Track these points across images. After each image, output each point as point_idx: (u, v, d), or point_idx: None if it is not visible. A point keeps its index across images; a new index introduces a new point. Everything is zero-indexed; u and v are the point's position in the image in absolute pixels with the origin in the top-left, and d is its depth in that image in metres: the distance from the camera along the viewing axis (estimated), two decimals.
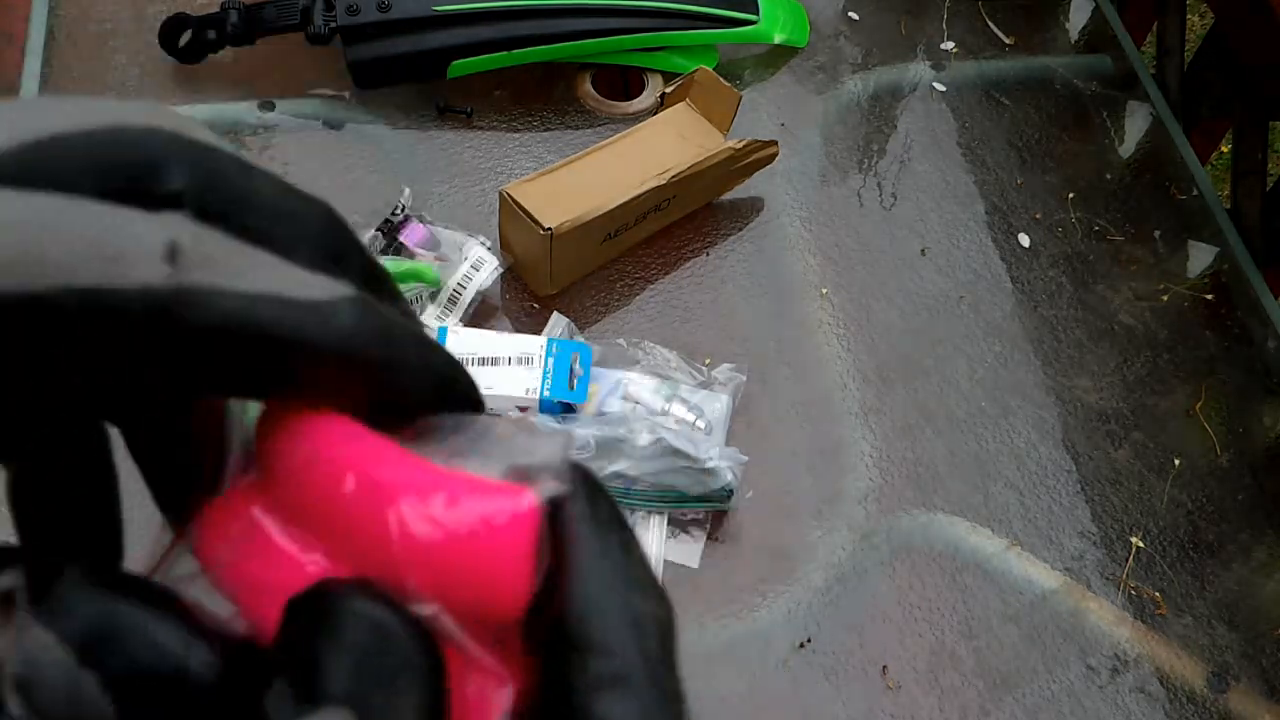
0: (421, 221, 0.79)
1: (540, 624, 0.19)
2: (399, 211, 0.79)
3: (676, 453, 0.68)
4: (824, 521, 0.73)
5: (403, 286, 0.76)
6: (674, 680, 0.19)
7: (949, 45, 1.04)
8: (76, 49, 0.92)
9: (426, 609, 0.18)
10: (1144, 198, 0.95)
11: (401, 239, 0.78)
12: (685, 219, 0.88)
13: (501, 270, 0.79)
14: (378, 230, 0.79)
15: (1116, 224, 0.93)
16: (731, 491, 0.70)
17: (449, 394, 0.20)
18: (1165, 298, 0.88)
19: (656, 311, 0.82)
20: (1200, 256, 0.92)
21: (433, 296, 0.77)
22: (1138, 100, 1.02)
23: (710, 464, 0.69)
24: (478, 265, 0.78)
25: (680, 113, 0.87)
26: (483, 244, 0.79)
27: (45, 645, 0.17)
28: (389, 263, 0.77)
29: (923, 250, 0.89)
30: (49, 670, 0.16)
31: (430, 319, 0.77)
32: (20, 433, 0.18)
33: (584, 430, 0.69)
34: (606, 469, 0.69)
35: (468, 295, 0.77)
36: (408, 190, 0.81)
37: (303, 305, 0.17)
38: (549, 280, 0.80)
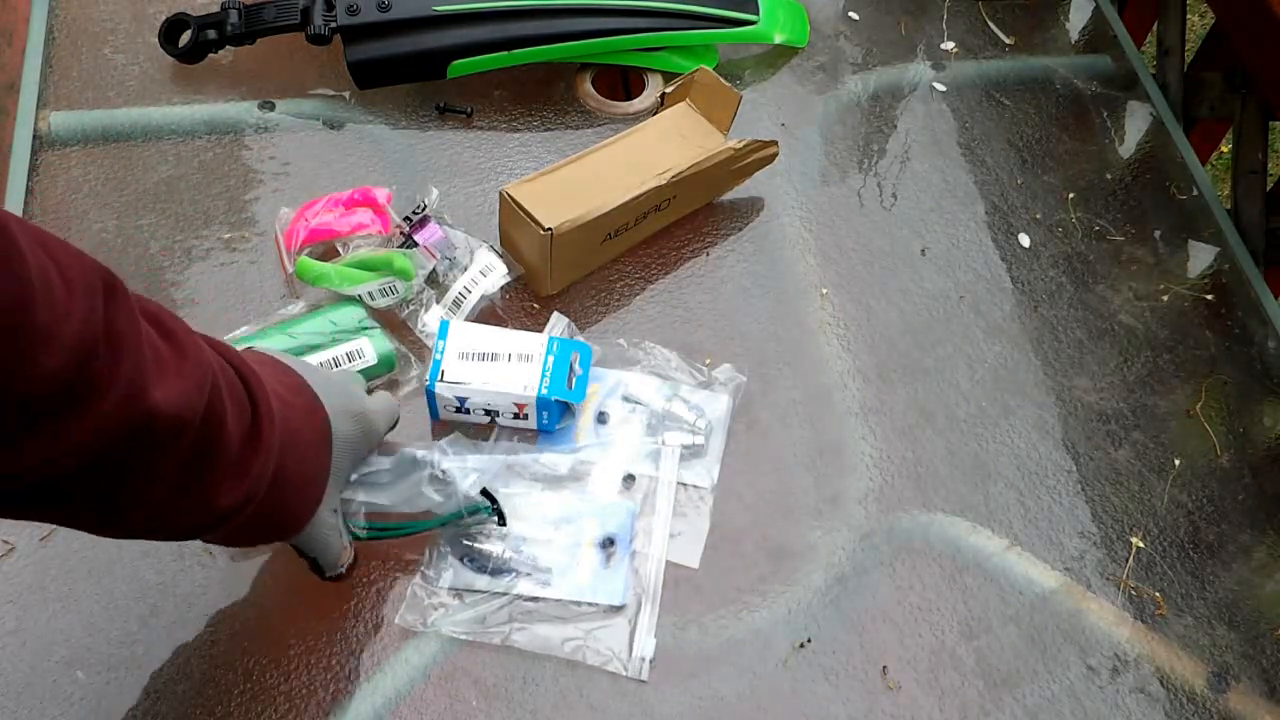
0: (441, 224, 0.79)
1: None
2: (419, 210, 0.79)
3: (416, 462, 0.66)
4: (824, 521, 0.73)
5: (374, 274, 0.76)
6: None
7: (949, 45, 1.04)
8: (76, 49, 0.92)
9: None
10: (1144, 198, 0.95)
11: (416, 237, 0.78)
12: (685, 219, 0.88)
13: (510, 279, 0.79)
14: (395, 226, 0.80)
15: (1116, 224, 0.93)
16: (490, 510, 0.68)
17: None
18: (1165, 298, 0.88)
19: (656, 311, 0.82)
20: (1200, 256, 0.92)
21: (438, 298, 0.78)
22: (1138, 100, 1.02)
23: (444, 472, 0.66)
24: (486, 270, 0.78)
25: (680, 113, 0.87)
26: (494, 250, 0.80)
27: None
28: (363, 253, 0.77)
29: (923, 250, 0.89)
30: None
31: (433, 319, 0.77)
32: None
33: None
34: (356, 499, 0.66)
35: (472, 299, 0.77)
36: (436, 192, 0.81)
37: None
38: (549, 280, 0.80)
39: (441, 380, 0.71)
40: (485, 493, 0.68)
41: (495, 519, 0.68)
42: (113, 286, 0.43)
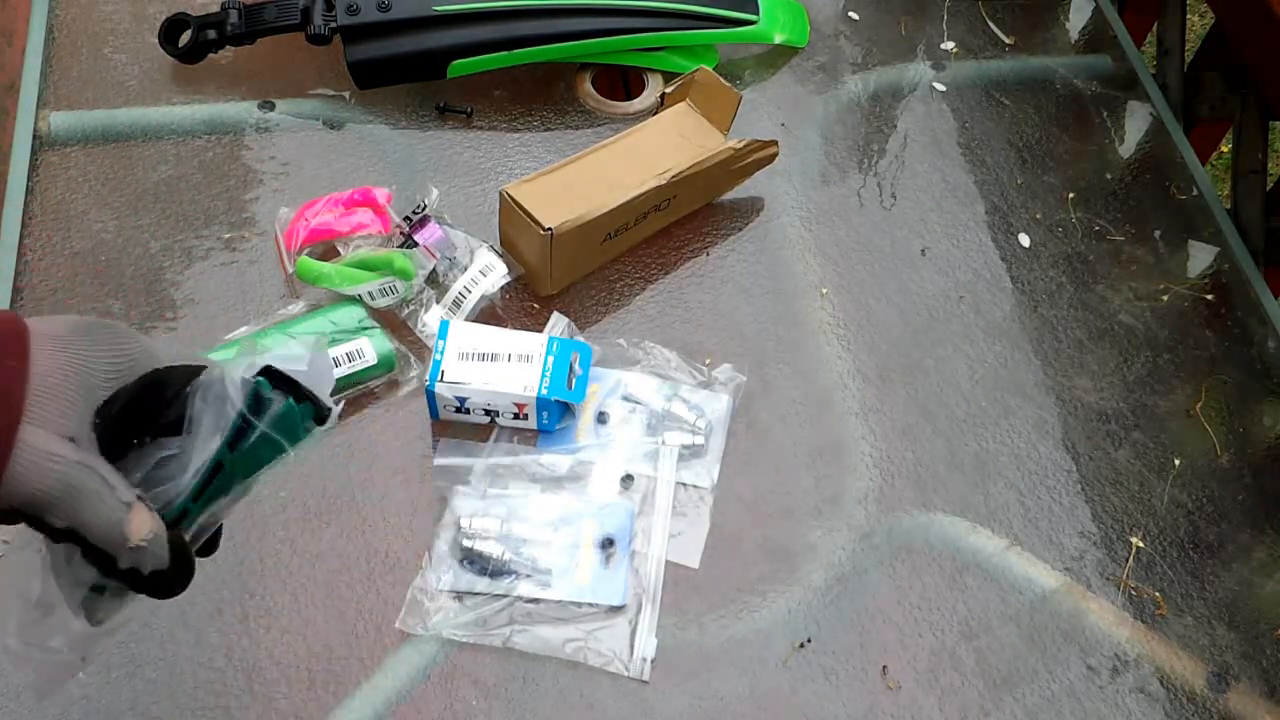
0: (441, 223, 0.79)
1: None
2: (419, 210, 0.79)
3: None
4: (824, 521, 0.73)
5: (374, 274, 0.76)
6: None
7: (949, 45, 1.04)
8: (76, 49, 0.92)
9: None
10: (1144, 198, 0.95)
11: (416, 237, 0.78)
12: (685, 219, 0.88)
13: (510, 279, 0.79)
14: (395, 226, 0.80)
15: (1116, 224, 0.93)
16: (298, 406, 0.48)
17: None
18: (1165, 298, 0.88)
19: (656, 311, 0.82)
20: (1200, 256, 0.92)
21: (438, 298, 0.78)
22: (1138, 100, 1.02)
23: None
24: (486, 270, 0.78)
25: (680, 113, 0.87)
26: (494, 250, 0.80)
27: None
28: (363, 253, 0.77)
29: (923, 250, 0.89)
30: None
31: (433, 319, 0.77)
32: None
33: None
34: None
35: (472, 299, 0.77)
36: (436, 192, 0.81)
37: None
38: (549, 280, 0.80)
39: (441, 380, 0.71)
40: (271, 372, 0.47)
41: (294, 405, 0.48)
42: None
